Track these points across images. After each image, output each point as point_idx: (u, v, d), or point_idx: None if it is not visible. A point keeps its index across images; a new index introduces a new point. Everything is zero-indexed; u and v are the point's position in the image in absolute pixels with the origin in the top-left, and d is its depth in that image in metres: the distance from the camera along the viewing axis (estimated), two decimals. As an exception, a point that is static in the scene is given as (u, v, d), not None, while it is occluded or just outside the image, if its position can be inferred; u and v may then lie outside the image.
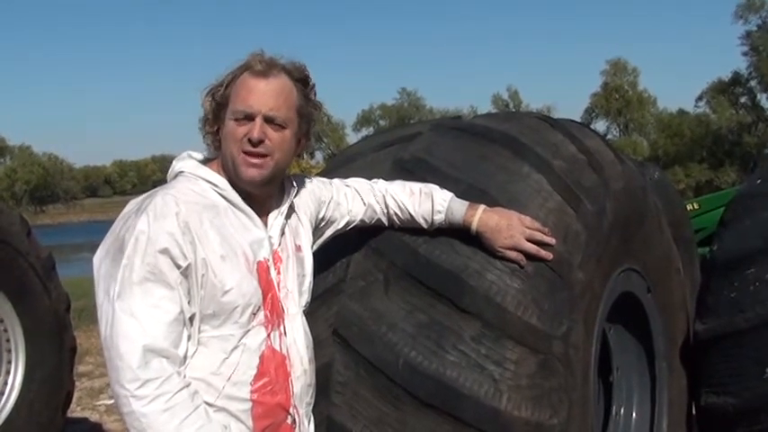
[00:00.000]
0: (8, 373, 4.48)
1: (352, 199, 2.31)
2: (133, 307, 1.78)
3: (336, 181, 2.35)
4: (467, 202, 2.25)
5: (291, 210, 2.12)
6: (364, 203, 2.32)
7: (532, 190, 2.33)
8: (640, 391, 3.03)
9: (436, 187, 2.30)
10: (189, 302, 1.85)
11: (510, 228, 2.19)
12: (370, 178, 2.40)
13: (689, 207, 5.58)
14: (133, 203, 1.93)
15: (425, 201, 2.27)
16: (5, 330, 4.46)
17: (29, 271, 4.51)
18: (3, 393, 4.44)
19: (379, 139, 2.91)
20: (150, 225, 1.82)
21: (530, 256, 2.19)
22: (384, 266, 2.28)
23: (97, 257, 1.89)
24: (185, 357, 1.84)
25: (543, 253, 2.21)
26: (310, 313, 2.29)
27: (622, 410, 3.04)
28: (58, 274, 4.82)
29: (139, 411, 1.75)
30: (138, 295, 1.79)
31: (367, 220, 2.33)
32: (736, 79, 54.48)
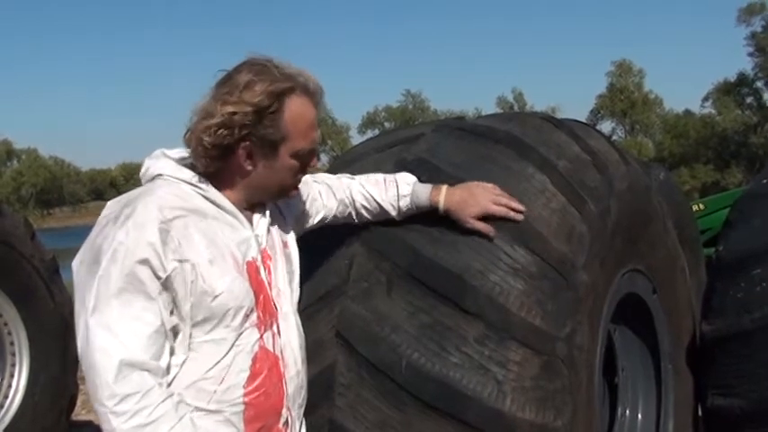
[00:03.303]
0: (12, 376, 4.49)
1: (327, 195, 2.27)
2: (110, 320, 1.70)
3: (308, 177, 2.27)
4: (430, 185, 2.27)
5: (275, 206, 2.07)
6: (336, 199, 2.29)
7: (536, 190, 2.31)
8: (646, 393, 3.01)
9: (402, 173, 2.32)
10: (171, 313, 1.77)
11: (474, 197, 2.21)
12: (372, 179, 2.39)
13: (695, 208, 5.56)
14: (111, 208, 1.84)
15: (391, 187, 2.28)
16: (9, 333, 4.47)
17: (33, 274, 4.53)
18: (7, 397, 4.45)
19: (382, 140, 2.90)
20: (129, 235, 1.73)
21: (500, 221, 2.19)
22: (386, 268, 2.27)
23: (75, 264, 1.81)
24: (168, 369, 1.78)
25: (512, 213, 2.21)
26: (312, 315, 2.29)
27: (628, 412, 3.02)
28: (62, 276, 4.83)
29: (120, 429, 1.67)
30: (115, 308, 1.71)
31: (339, 216, 2.30)
32: (742, 80, 54.45)
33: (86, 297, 1.73)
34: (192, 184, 1.87)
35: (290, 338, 1.98)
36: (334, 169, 2.81)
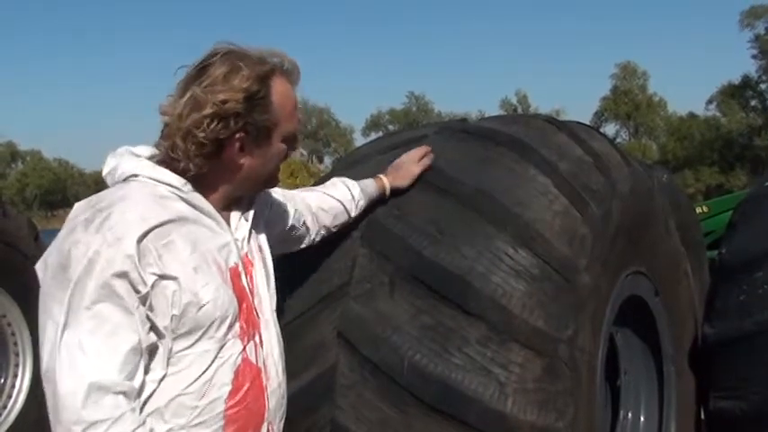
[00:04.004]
0: (16, 376, 4.52)
1: (285, 200, 2.18)
2: (82, 337, 1.56)
3: None
4: (369, 179, 2.38)
5: (254, 211, 1.95)
6: (292, 204, 2.20)
7: (538, 192, 2.31)
8: (648, 395, 3.01)
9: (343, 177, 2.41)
10: (150, 329, 1.64)
11: (402, 165, 2.40)
12: (375, 181, 2.40)
13: (698, 210, 5.55)
14: (81, 210, 1.68)
15: (338, 183, 2.35)
16: (13, 334, 4.49)
17: (36, 275, 4.53)
18: (11, 397, 4.47)
19: (385, 141, 2.90)
20: (108, 246, 1.58)
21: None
22: (389, 269, 2.27)
23: (38, 268, 1.68)
24: (143, 388, 1.64)
25: (425, 149, 2.44)
26: (314, 316, 2.29)
27: (630, 415, 3.02)
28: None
29: None
30: (89, 323, 1.57)
31: (296, 223, 2.22)
32: (746, 82, 54.38)
33: (54, 310, 1.60)
34: (169, 186, 1.74)
35: (272, 348, 1.89)
36: (336, 170, 2.82)
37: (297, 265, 2.42)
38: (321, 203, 2.28)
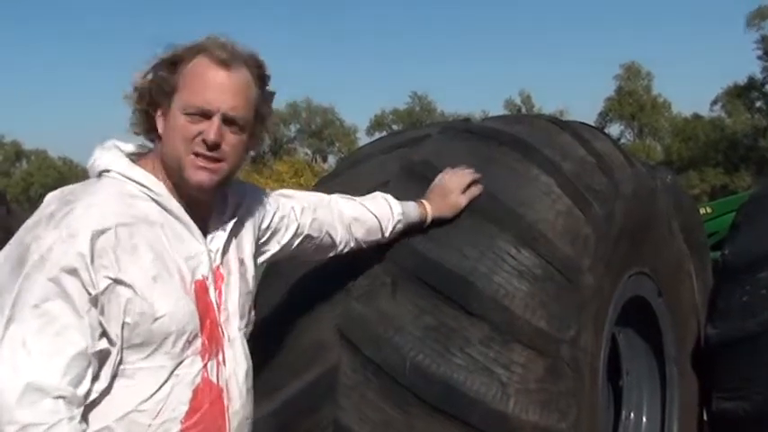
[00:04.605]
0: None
1: (301, 211, 2.09)
2: (26, 334, 1.50)
3: (285, 191, 2.16)
4: (412, 202, 2.26)
5: (236, 220, 1.86)
6: (314, 215, 2.11)
7: (541, 192, 2.31)
8: (651, 396, 3.01)
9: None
10: (100, 335, 1.57)
11: (447, 193, 2.26)
12: (378, 181, 2.40)
13: (702, 211, 5.52)
14: (49, 202, 1.65)
15: (381, 200, 2.24)
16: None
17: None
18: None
19: (388, 141, 2.91)
20: (62, 242, 1.54)
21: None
22: (392, 269, 2.27)
23: (0, 257, 1.62)
24: (87, 396, 1.56)
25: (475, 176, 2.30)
26: (316, 316, 2.29)
27: (632, 415, 3.02)
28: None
29: None
30: (35, 320, 1.51)
31: (317, 234, 2.13)
32: (752, 83, 54.21)
33: (6, 302, 1.54)
34: (140, 185, 1.68)
35: (236, 368, 1.80)
36: (339, 170, 2.83)
37: (299, 264, 2.42)
38: (357, 215, 2.19)
